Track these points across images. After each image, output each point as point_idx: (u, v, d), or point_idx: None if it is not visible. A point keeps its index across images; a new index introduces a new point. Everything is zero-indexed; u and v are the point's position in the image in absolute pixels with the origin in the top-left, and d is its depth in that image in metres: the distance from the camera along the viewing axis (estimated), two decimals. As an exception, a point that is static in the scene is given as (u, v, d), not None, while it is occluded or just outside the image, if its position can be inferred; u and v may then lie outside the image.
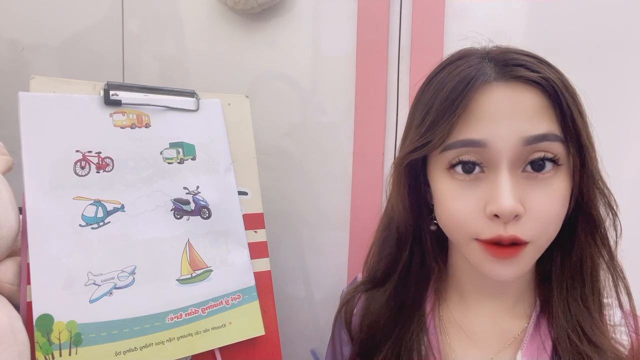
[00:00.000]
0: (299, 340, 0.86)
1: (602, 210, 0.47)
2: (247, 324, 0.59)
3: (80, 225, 0.53)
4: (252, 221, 0.64)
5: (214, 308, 0.58)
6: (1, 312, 0.46)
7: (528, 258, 0.44)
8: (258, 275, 0.62)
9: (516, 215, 0.41)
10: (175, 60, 0.88)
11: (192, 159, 0.61)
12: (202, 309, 0.57)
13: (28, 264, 0.50)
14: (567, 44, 0.76)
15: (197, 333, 0.56)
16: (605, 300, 0.49)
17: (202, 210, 0.60)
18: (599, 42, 0.75)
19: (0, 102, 0.82)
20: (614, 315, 0.49)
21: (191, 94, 0.64)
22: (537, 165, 0.42)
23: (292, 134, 0.85)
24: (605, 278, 0.49)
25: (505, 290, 0.51)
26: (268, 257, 0.64)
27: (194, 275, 0.58)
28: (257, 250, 0.63)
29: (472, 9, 0.78)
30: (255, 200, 0.65)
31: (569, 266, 0.48)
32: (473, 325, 0.52)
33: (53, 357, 0.49)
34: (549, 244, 0.45)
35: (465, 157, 0.43)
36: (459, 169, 0.44)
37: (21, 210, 0.52)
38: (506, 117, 0.41)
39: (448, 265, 0.55)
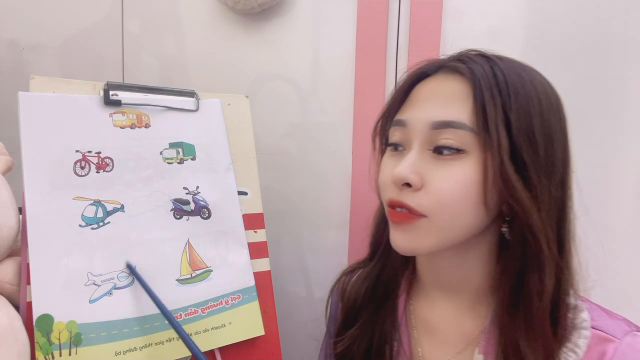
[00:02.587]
0: (299, 340, 0.86)
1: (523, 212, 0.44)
2: (247, 324, 0.59)
3: (80, 226, 0.53)
4: (252, 221, 0.64)
5: (214, 308, 0.58)
6: (1, 312, 0.46)
7: (422, 232, 0.46)
8: (258, 275, 0.62)
9: (409, 185, 0.45)
10: (175, 60, 0.88)
11: (191, 159, 0.61)
12: (201, 309, 0.57)
13: (28, 264, 0.50)
14: (563, 43, 0.76)
15: (196, 333, 0.56)
16: (573, 302, 0.47)
17: (201, 210, 0.60)
18: (596, 41, 0.75)
19: (0, 102, 0.82)
20: (575, 318, 0.47)
21: (191, 94, 0.64)
22: (440, 148, 0.45)
23: (292, 134, 0.85)
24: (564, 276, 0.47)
25: (461, 288, 0.52)
26: (268, 257, 0.64)
27: (193, 275, 0.58)
28: (257, 250, 0.63)
29: (470, 11, 0.78)
30: (255, 200, 0.65)
31: (511, 271, 0.47)
32: (437, 322, 0.54)
33: (53, 357, 0.49)
34: (454, 229, 0.45)
35: (394, 139, 0.49)
36: (391, 147, 0.51)
37: (21, 210, 0.52)
38: (426, 102, 0.47)
39: (415, 262, 0.58)
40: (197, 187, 0.61)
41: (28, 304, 0.49)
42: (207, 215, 0.61)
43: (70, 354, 0.49)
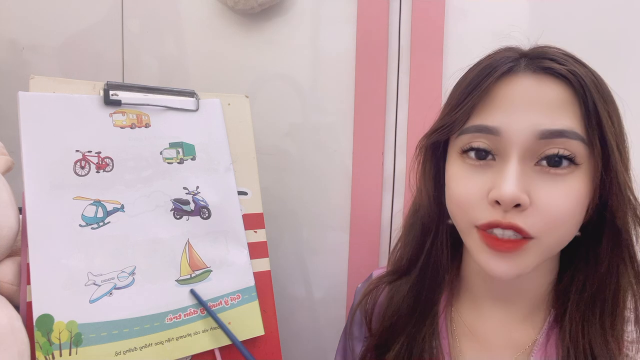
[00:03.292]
0: (299, 340, 0.86)
1: (632, 223, 0.43)
2: (247, 324, 0.59)
3: (80, 226, 0.53)
4: (252, 221, 0.64)
5: (214, 308, 0.58)
6: (1, 312, 0.46)
7: (530, 256, 0.42)
8: (258, 275, 0.62)
9: (518, 205, 0.40)
10: (175, 60, 0.88)
11: (191, 159, 0.61)
12: (201, 309, 0.57)
13: (28, 264, 0.50)
14: (567, 44, 0.76)
15: (196, 333, 0.56)
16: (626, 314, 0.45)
17: (201, 210, 0.60)
18: (600, 41, 0.75)
19: (0, 102, 0.82)
20: (632, 332, 0.45)
21: (191, 94, 0.64)
22: (553, 161, 0.40)
23: (292, 134, 0.85)
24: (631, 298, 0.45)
25: (517, 298, 0.49)
26: (268, 257, 0.64)
27: (193, 275, 0.58)
28: (257, 250, 0.63)
29: (472, 9, 0.78)
30: (255, 200, 0.65)
31: (591, 283, 0.45)
32: (484, 331, 0.50)
33: (53, 357, 0.49)
34: (558, 247, 0.43)
35: (477, 144, 0.43)
36: (471, 154, 0.44)
37: (21, 210, 0.52)
38: (524, 107, 0.41)
39: (462, 267, 0.54)
40: (197, 187, 0.61)
41: (28, 304, 0.49)
42: (207, 215, 0.61)
43: (70, 354, 0.49)
